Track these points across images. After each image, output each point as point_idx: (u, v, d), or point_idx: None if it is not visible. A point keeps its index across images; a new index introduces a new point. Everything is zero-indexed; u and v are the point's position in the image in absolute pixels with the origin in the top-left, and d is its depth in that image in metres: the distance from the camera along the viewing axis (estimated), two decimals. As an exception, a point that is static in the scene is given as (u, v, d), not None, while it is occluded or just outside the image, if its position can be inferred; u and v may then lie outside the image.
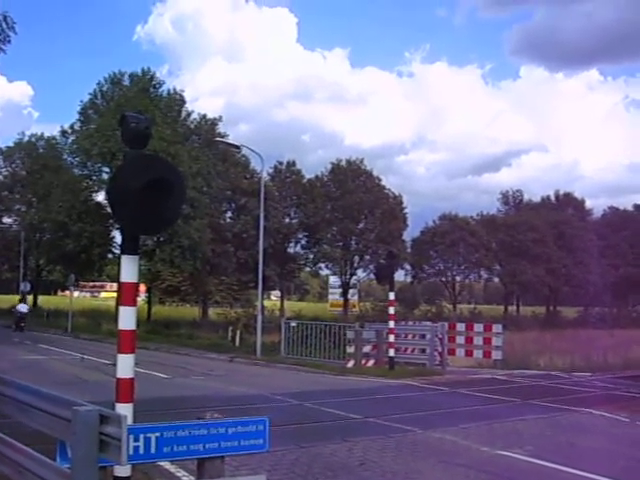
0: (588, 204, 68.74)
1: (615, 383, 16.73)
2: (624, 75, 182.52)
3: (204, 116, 44.13)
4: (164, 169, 5.62)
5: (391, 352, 18.96)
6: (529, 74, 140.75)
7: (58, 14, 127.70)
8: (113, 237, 41.40)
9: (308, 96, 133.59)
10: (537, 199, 68.85)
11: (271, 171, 51.76)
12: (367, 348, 20.17)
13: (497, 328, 21.31)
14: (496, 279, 65.62)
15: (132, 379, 5.54)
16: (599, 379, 17.66)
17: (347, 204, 51.17)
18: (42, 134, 51.29)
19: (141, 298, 46.71)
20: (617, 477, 7.41)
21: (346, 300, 53.57)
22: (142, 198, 5.25)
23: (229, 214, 50.08)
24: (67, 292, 44.76)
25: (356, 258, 54.18)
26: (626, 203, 79.74)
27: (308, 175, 54.13)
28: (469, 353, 21.26)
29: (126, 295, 5.68)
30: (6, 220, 52.81)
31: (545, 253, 57.63)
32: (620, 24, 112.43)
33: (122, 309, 5.62)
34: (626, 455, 8.83)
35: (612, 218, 65.99)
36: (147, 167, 5.45)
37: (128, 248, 5.68)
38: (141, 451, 4.56)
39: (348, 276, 54.32)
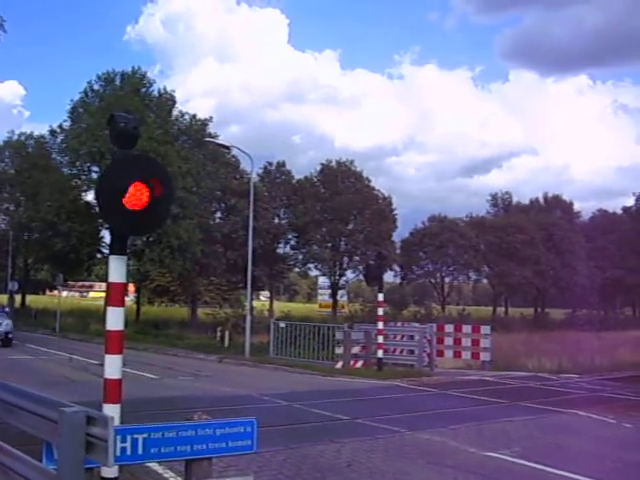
0: (577, 207, 69.09)
1: (602, 385, 16.84)
2: (612, 79, 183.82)
3: (194, 116, 43.93)
4: (152, 169, 5.61)
5: (380, 353, 19.02)
6: (519, 77, 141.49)
7: (49, 14, 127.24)
8: (102, 237, 41.12)
9: (299, 97, 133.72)
10: (526, 201, 69.19)
11: (261, 172, 51.84)
12: (356, 349, 20.17)
13: (485, 330, 21.33)
14: (485, 280, 65.74)
15: (120, 380, 5.52)
16: (586, 381, 17.76)
17: (336, 205, 51.16)
18: (31, 133, 50.84)
19: (130, 298, 46.54)
20: (603, 479, 7.45)
21: (335, 301, 53.47)
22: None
23: (219, 214, 49.95)
24: (56, 292, 44.49)
25: (345, 259, 54.18)
26: (615, 206, 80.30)
27: (298, 176, 54.24)
28: (457, 354, 21.33)
29: (114, 295, 5.66)
30: (-6, 219, 52.40)
31: (533, 255, 57.77)
32: (609, 29, 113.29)
33: (110, 309, 5.60)
34: (613, 456, 8.86)
35: (600, 221, 66.12)
36: (135, 167, 5.44)
37: (116, 248, 5.67)
38: (128, 452, 4.56)
39: (337, 277, 54.25)
